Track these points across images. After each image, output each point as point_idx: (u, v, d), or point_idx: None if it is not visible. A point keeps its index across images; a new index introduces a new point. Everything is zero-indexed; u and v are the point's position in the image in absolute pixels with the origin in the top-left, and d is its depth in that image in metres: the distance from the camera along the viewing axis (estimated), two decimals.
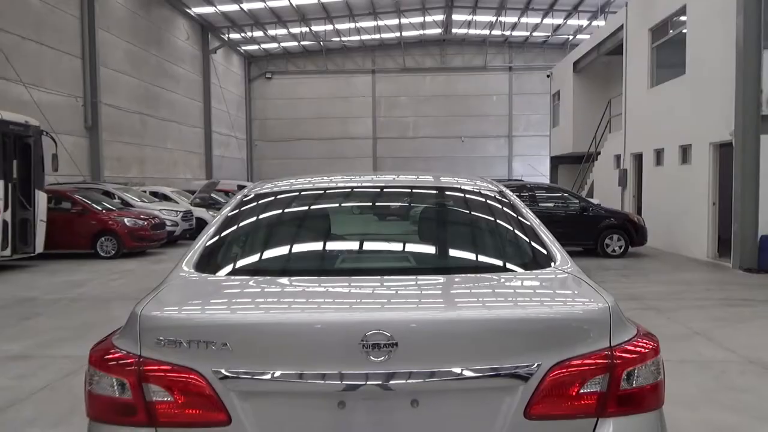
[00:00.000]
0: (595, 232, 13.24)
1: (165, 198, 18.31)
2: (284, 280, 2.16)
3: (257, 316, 1.83)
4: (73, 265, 12.44)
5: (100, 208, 13.90)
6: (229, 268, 2.27)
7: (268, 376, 1.66)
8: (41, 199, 12.35)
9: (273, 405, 1.70)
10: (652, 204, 15.77)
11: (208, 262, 2.24)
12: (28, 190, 12.06)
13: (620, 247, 13.32)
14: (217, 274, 2.18)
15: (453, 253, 2.56)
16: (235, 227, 2.49)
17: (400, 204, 3.05)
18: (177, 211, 16.51)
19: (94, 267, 12.20)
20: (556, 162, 26.12)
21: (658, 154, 15.55)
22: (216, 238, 2.39)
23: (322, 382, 1.65)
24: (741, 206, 11.45)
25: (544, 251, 2.25)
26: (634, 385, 1.75)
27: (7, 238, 11.42)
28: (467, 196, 2.77)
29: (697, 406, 4.27)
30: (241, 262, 2.37)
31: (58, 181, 15.49)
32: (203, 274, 2.16)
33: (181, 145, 27.27)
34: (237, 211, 2.59)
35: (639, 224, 13.62)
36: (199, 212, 17.09)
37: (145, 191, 18.28)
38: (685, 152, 14.07)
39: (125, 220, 13.69)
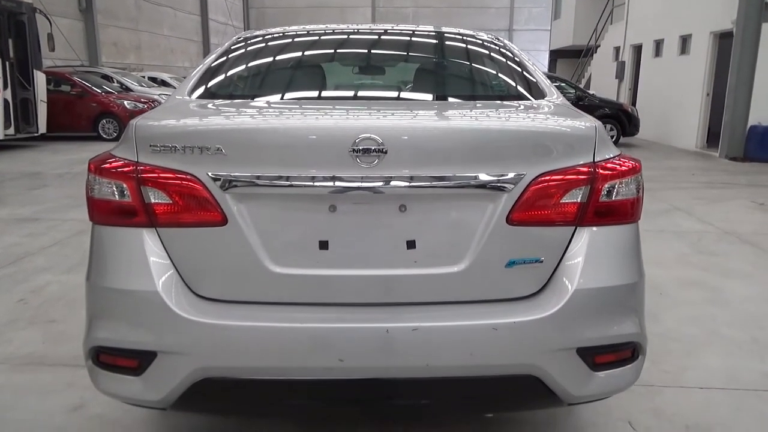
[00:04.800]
0: None
1: (164, 84, 18.25)
2: (280, 101, 2.26)
3: (252, 122, 1.90)
4: (76, 146, 12.68)
5: (100, 91, 13.93)
6: (224, 94, 2.33)
7: (262, 180, 1.72)
8: (40, 79, 12.38)
9: (267, 207, 1.76)
10: (647, 96, 15.81)
11: (202, 91, 2.28)
12: (27, 70, 12.07)
13: (612, 137, 13.53)
14: (212, 99, 2.23)
15: (450, 85, 2.62)
16: (230, 63, 2.53)
17: (398, 46, 3.04)
18: None
19: (97, 147, 12.12)
20: (555, 56, 25.78)
21: (658, 45, 15.40)
22: (210, 71, 2.42)
23: (314, 184, 1.71)
24: (734, 96, 11.54)
25: (539, 87, 2.35)
26: (612, 199, 1.82)
27: (10, 117, 11.62)
28: (468, 44, 2.84)
29: (670, 266, 4.66)
30: (236, 89, 2.43)
31: (56, 64, 15.39)
32: (198, 99, 2.21)
33: (178, 32, 26.53)
34: (231, 50, 2.62)
35: (632, 114, 13.78)
36: None
37: (143, 77, 18.17)
38: (684, 42, 13.95)
39: (125, 102, 13.77)
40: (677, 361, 3.05)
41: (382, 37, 2.96)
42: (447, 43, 2.91)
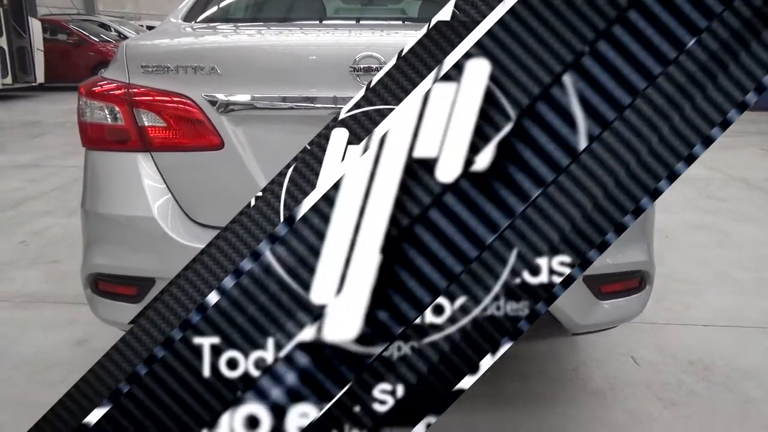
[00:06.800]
0: None
1: None
2: (277, 23, 2.20)
3: (248, 40, 1.84)
4: (75, 95, 11.99)
5: (97, 40, 13.66)
6: (219, 18, 2.26)
7: (259, 101, 1.67)
8: (36, 26, 12.12)
9: (265, 130, 1.71)
10: None
11: (197, 15, 2.20)
12: (21, 17, 11.81)
13: None
14: (207, 23, 2.16)
15: None
16: None
17: None
18: None
19: None
20: None
21: None
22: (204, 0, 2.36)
23: (314, 105, 1.66)
24: None
25: None
26: None
27: (6, 66, 11.43)
28: None
29: (678, 211, 4.60)
30: (232, 15, 2.37)
31: (52, 13, 15.06)
32: (192, 23, 2.14)
33: None
34: None
35: None
36: None
37: (141, 26, 17.80)
38: None
39: None
40: (682, 300, 3.03)
41: None
42: None
